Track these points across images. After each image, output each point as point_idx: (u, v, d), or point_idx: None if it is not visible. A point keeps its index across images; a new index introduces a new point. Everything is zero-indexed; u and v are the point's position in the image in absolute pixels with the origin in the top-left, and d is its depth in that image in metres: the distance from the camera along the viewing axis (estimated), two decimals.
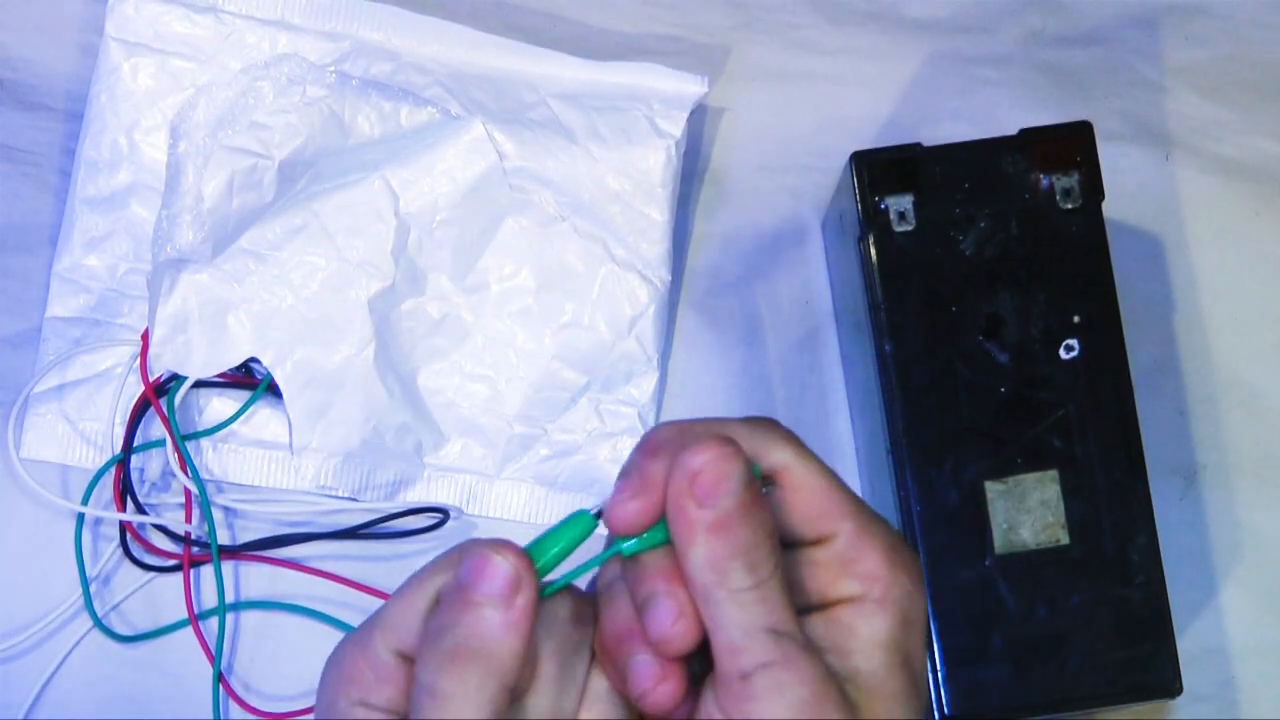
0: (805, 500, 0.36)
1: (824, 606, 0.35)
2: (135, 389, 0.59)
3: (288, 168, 0.59)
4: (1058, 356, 0.56)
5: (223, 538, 0.60)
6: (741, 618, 0.33)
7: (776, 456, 0.36)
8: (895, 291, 0.56)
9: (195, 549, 0.59)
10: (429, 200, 0.60)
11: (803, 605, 0.35)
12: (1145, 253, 0.65)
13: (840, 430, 0.63)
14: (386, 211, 0.60)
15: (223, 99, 0.60)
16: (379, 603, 0.60)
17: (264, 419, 0.61)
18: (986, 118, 0.65)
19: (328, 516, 0.60)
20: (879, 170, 0.56)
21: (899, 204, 0.56)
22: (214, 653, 0.59)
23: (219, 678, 0.59)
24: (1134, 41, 0.67)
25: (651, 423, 0.62)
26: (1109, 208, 0.57)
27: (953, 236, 0.56)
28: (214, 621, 0.59)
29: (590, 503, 0.61)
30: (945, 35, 0.67)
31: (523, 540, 0.35)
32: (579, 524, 0.36)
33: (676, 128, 0.61)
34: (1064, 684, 0.55)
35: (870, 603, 0.35)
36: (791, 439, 0.36)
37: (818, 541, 0.36)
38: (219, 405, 0.61)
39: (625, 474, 0.35)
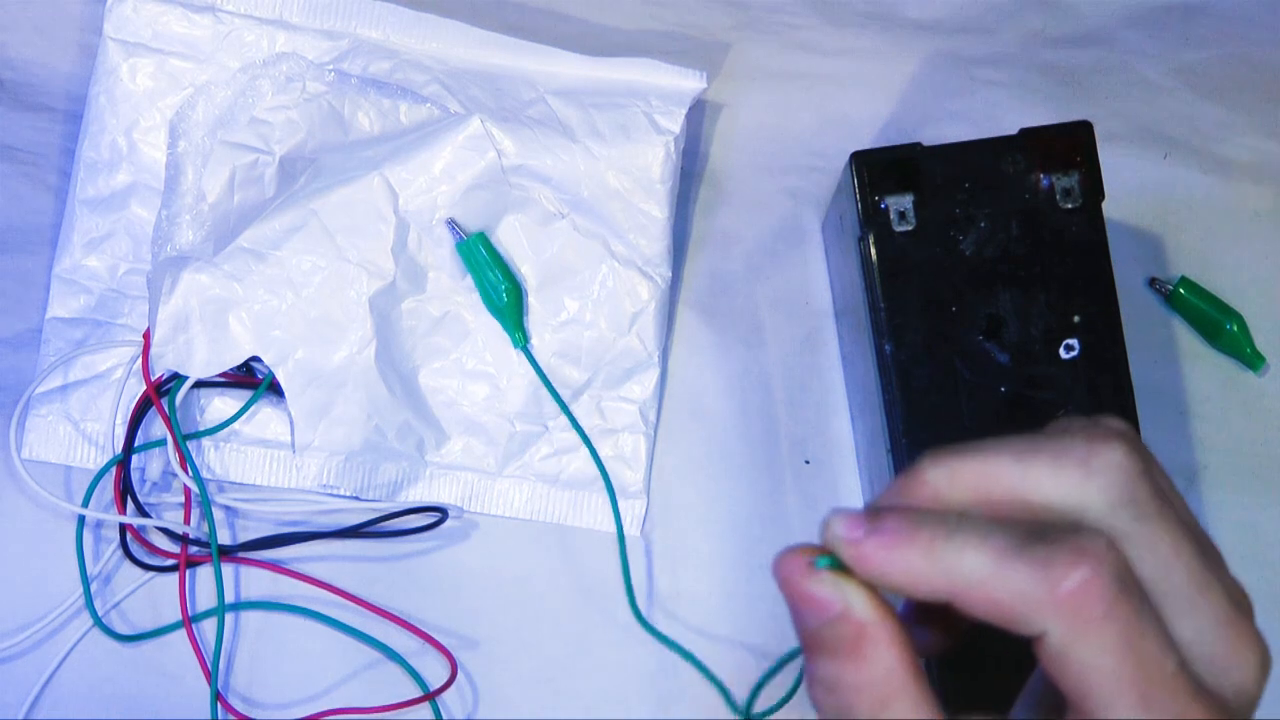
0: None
1: None
2: (137, 389, 0.60)
3: (288, 163, 0.59)
4: (1058, 356, 0.56)
5: (224, 537, 0.60)
6: None
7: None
8: (895, 291, 0.56)
9: (195, 549, 0.59)
10: (428, 198, 0.60)
11: None
12: (1145, 253, 0.65)
13: (840, 430, 0.63)
14: (386, 210, 0.60)
15: (222, 98, 0.60)
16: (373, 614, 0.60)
17: (266, 418, 0.61)
18: (986, 118, 0.65)
19: (328, 515, 0.60)
20: (879, 170, 0.56)
21: (899, 204, 0.56)
22: (213, 654, 0.59)
23: (216, 696, 0.59)
24: (1134, 41, 0.67)
25: (653, 419, 0.62)
26: (1109, 208, 0.57)
27: (953, 236, 0.56)
28: (213, 622, 0.59)
29: (594, 499, 0.62)
30: (945, 35, 0.67)
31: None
32: None
33: (675, 124, 0.61)
34: None
35: None
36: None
37: None
38: (220, 405, 0.61)
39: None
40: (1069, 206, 0.56)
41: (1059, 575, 0.30)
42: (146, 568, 0.60)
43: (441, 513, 0.60)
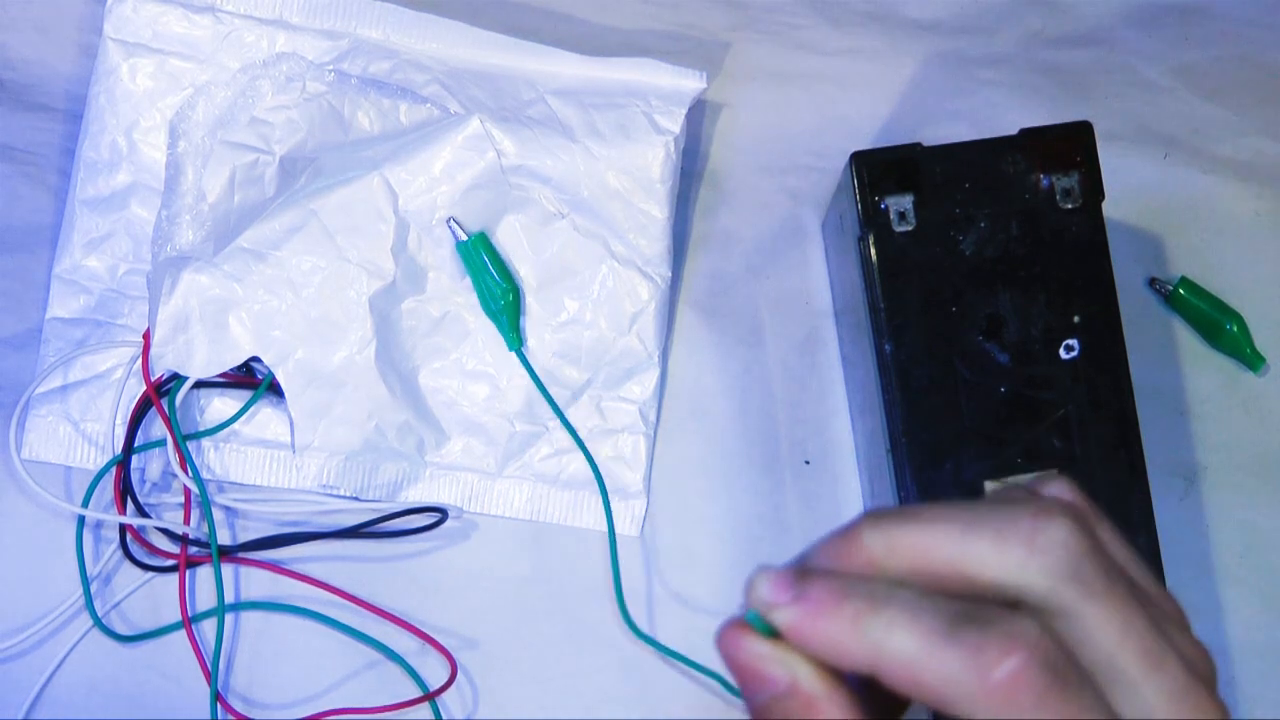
0: None
1: None
2: (137, 389, 0.60)
3: (289, 163, 0.59)
4: (1058, 356, 0.56)
5: (224, 537, 0.60)
6: None
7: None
8: (895, 291, 0.56)
9: (195, 549, 0.59)
10: (428, 198, 0.60)
11: None
12: (1145, 253, 0.65)
13: (840, 430, 0.63)
14: (386, 210, 0.60)
15: (221, 98, 0.60)
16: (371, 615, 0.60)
17: (266, 418, 0.61)
18: (986, 118, 0.65)
19: (328, 516, 0.60)
20: (879, 170, 0.56)
21: (899, 204, 0.56)
22: (213, 655, 0.59)
23: (216, 696, 0.59)
24: (1134, 41, 0.67)
25: (653, 419, 0.62)
26: (1109, 208, 0.57)
27: (953, 236, 0.56)
28: (213, 623, 0.59)
29: (594, 499, 0.62)
30: (945, 35, 0.67)
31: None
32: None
33: (675, 124, 0.61)
34: None
35: None
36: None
37: None
38: (220, 405, 0.61)
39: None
40: (1069, 206, 0.56)
41: (989, 664, 0.29)
42: (146, 568, 0.60)
43: (441, 513, 0.60)
